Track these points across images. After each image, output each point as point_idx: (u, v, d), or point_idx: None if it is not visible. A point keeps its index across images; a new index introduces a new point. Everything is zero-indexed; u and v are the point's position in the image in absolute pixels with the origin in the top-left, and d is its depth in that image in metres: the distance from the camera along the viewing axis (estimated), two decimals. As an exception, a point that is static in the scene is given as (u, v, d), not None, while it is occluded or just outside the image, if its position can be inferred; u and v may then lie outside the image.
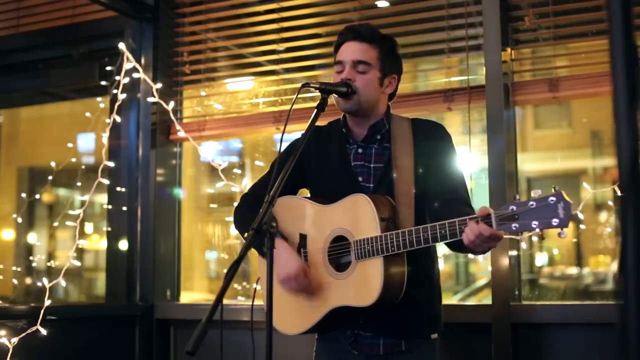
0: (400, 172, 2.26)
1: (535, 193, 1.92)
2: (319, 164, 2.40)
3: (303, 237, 2.35)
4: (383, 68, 2.33)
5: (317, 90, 2.28)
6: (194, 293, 4.31)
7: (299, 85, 2.27)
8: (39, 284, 3.68)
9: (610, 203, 3.21)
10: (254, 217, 2.02)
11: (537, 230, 1.90)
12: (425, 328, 2.30)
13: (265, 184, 2.21)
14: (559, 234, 1.90)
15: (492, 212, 1.95)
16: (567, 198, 1.88)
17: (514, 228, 1.92)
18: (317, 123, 2.26)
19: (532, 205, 1.90)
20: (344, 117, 2.42)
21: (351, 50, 2.33)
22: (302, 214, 2.36)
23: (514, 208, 1.93)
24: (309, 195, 2.50)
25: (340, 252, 2.27)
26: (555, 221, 1.87)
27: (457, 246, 2.17)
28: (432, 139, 2.33)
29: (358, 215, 2.21)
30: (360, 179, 2.32)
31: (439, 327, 2.34)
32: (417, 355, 2.28)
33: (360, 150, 2.36)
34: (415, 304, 2.22)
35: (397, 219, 2.20)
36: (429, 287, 2.32)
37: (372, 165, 2.33)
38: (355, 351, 2.28)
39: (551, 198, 1.88)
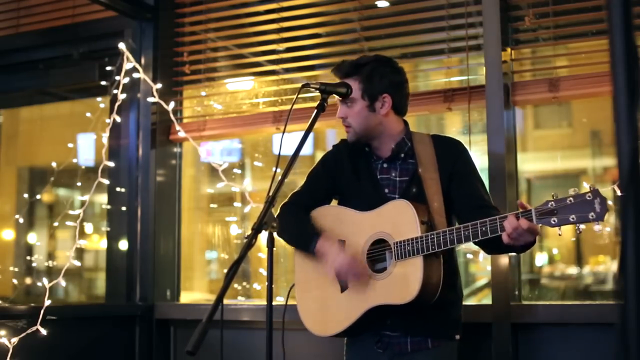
0: (428, 184, 2.38)
1: (573, 191, 2.06)
2: (350, 176, 2.50)
3: (341, 243, 2.42)
4: (367, 95, 2.41)
5: (317, 91, 2.36)
6: (194, 293, 4.31)
7: (299, 85, 2.29)
8: (39, 284, 3.68)
9: (610, 203, 3.20)
10: (300, 222, 2.40)
11: (575, 224, 2.05)
12: (450, 329, 2.42)
13: (305, 194, 2.53)
14: (595, 228, 2.06)
15: (532, 208, 2.09)
16: (602, 195, 2.03)
17: (553, 222, 2.07)
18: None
19: (570, 201, 2.05)
20: None
21: None
22: (340, 221, 2.46)
23: (553, 204, 2.08)
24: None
25: (379, 255, 2.36)
26: (592, 215, 2.02)
27: (494, 246, 2.29)
28: (453, 154, 2.46)
29: (398, 219, 2.31)
30: (386, 190, 2.44)
31: (461, 329, 2.45)
32: (442, 352, 2.39)
33: (385, 165, 2.48)
34: (441, 306, 2.31)
35: (434, 224, 2.30)
36: (453, 291, 2.43)
37: (397, 178, 2.45)
38: (379, 350, 2.38)
39: (588, 194, 2.04)
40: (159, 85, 3.87)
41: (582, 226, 2.08)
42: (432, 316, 2.34)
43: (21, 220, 4.87)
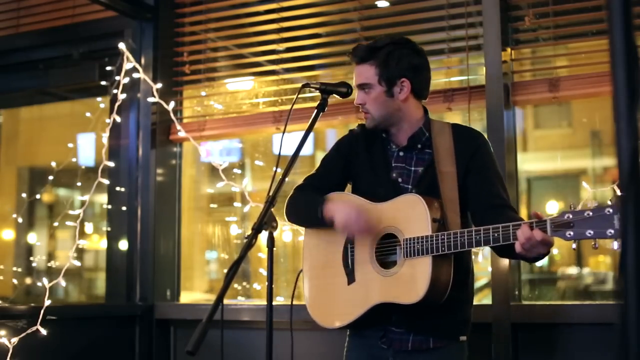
0: (443, 178, 2.30)
1: (592, 203, 1.96)
2: (365, 160, 2.44)
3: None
4: (384, 80, 2.34)
5: (317, 91, 2.34)
6: (194, 293, 4.31)
7: (299, 85, 2.29)
8: (39, 284, 3.68)
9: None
10: (308, 197, 2.35)
11: (592, 239, 1.93)
12: (455, 329, 2.34)
13: (319, 177, 2.47)
14: (613, 245, 1.95)
15: (548, 219, 1.99)
16: None
17: (569, 235, 1.96)
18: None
19: (588, 214, 1.93)
20: None
21: (355, 75, 2.39)
22: None
23: (570, 216, 1.96)
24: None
25: (388, 250, 2.30)
26: (610, 232, 1.90)
27: (506, 251, 2.20)
28: (471, 147, 2.36)
29: (410, 215, 2.24)
30: (399, 179, 2.36)
31: (468, 330, 2.38)
32: (443, 354, 2.32)
33: (401, 154, 2.40)
34: (449, 305, 2.24)
35: (447, 222, 2.23)
36: (464, 290, 2.34)
37: (412, 168, 2.37)
38: (384, 345, 2.33)
39: (608, 209, 1.90)
40: (159, 85, 3.87)
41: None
42: (437, 315, 2.26)
43: (20, 220, 4.87)
